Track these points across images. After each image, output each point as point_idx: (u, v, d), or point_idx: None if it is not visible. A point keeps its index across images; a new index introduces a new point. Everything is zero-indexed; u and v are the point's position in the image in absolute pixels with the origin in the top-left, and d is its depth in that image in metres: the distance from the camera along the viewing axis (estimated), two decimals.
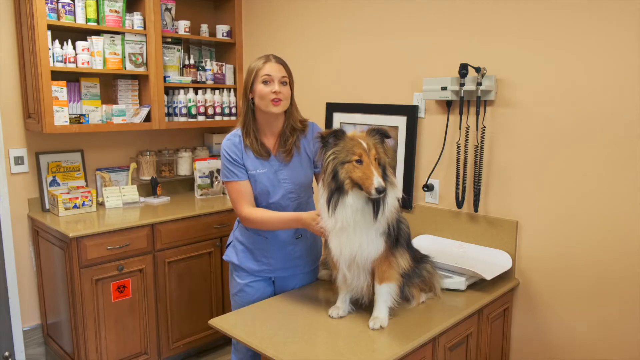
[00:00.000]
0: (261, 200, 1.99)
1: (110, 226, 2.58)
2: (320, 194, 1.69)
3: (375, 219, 1.64)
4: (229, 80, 3.43)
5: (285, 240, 2.03)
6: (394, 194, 1.69)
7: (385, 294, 1.73)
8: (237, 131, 1.99)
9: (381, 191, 1.55)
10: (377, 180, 1.56)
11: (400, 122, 2.52)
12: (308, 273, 2.12)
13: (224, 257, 2.14)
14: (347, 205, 1.62)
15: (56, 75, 2.70)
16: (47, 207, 2.88)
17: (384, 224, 1.68)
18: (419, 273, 1.89)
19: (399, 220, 1.77)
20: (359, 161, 1.60)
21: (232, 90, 3.43)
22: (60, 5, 2.68)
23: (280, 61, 1.93)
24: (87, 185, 3.02)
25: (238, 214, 1.96)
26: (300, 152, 1.98)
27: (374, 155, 1.62)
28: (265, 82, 1.88)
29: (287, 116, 1.97)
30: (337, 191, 1.63)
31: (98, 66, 2.84)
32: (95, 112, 2.91)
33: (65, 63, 2.72)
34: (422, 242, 2.36)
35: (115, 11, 2.86)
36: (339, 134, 1.65)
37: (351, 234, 1.65)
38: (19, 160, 2.81)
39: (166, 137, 3.40)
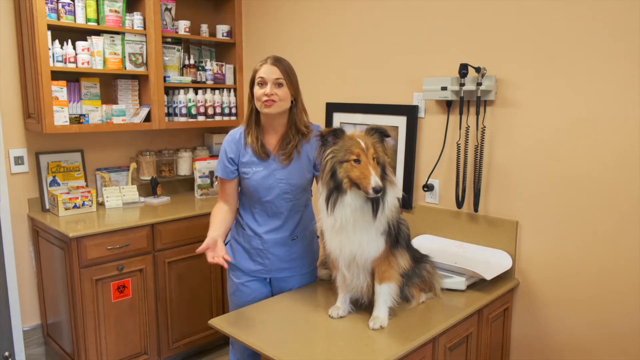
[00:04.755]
0: (255, 197, 1.99)
1: (110, 226, 2.58)
2: (319, 192, 1.70)
3: (374, 218, 1.64)
4: (229, 80, 3.43)
5: (281, 241, 2.03)
6: (394, 193, 1.69)
7: (385, 294, 1.73)
8: (242, 127, 2.01)
9: (378, 190, 1.55)
10: (374, 180, 1.56)
11: (400, 122, 2.52)
12: (305, 275, 2.11)
13: None
14: (345, 204, 1.62)
15: (56, 75, 2.70)
16: (47, 207, 2.88)
17: (384, 223, 1.68)
18: (418, 273, 1.89)
19: (399, 221, 1.77)
20: (357, 160, 1.60)
21: (232, 90, 3.43)
22: (60, 5, 2.68)
23: (277, 63, 1.91)
24: (87, 185, 3.02)
25: None
26: (301, 155, 1.98)
27: (372, 154, 1.62)
28: (260, 85, 1.89)
29: (290, 117, 1.96)
30: (335, 190, 1.63)
31: (98, 66, 2.84)
32: (95, 112, 2.91)
33: (65, 63, 2.72)
34: (422, 242, 2.36)
35: (115, 11, 2.86)
36: (338, 133, 1.66)
37: (351, 233, 1.65)
38: (19, 160, 2.81)
39: (166, 137, 3.40)
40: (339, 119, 2.82)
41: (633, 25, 1.79)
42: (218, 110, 3.34)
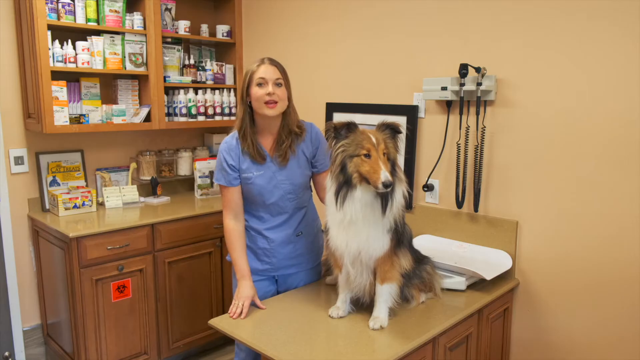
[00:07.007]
0: (259, 200, 1.99)
1: (110, 226, 2.58)
2: (328, 187, 1.69)
3: (383, 214, 1.64)
4: (229, 80, 3.43)
5: (286, 239, 2.04)
6: (402, 191, 1.69)
7: (386, 294, 1.73)
8: (235, 133, 1.99)
9: (388, 185, 1.55)
10: (384, 175, 1.56)
11: (401, 122, 2.50)
12: (310, 270, 2.13)
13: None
14: (355, 199, 1.62)
15: (56, 75, 2.70)
16: (47, 207, 2.88)
17: (391, 221, 1.68)
18: (419, 274, 1.89)
19: (404, 221, 1.77)
20: (367, 155, 1.60)
21: (232, 90, 3.43)
22: (60, 5, 2.68)
23: (275, 63, 1.92)
24: (87, 185, 3.02)
25: (223, 218, 2.03)
26: (297, 154, 1.98)
27: (383, 149, 1.62)
28: (259, 85, 1.88)
29: (284, 117, 1.96)
30: (345, 184, 1.63)
31: (98, 66, 2.84)
32: (95, 112, 2.91)
33: (65, 63, 2.72)
34: (422, 242, 2.36)
35: (115, 11, 2.86)
36: (352, 127, 1.66)
37: (359, 229, 1.65)
38: (19, 160, 2.81)
39: (166, 137, 3.40)
40: (339, 119, 2.81)
41: (634, 26, 1.79)
42: (218, 110, 3.34)
